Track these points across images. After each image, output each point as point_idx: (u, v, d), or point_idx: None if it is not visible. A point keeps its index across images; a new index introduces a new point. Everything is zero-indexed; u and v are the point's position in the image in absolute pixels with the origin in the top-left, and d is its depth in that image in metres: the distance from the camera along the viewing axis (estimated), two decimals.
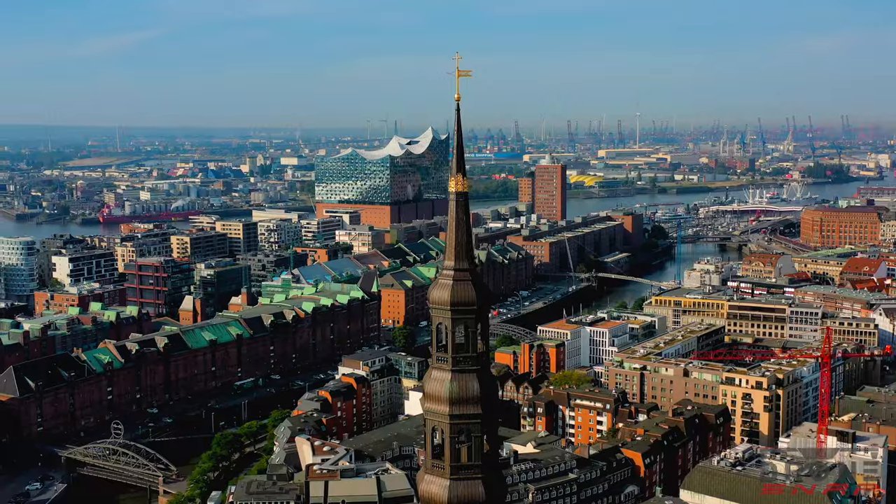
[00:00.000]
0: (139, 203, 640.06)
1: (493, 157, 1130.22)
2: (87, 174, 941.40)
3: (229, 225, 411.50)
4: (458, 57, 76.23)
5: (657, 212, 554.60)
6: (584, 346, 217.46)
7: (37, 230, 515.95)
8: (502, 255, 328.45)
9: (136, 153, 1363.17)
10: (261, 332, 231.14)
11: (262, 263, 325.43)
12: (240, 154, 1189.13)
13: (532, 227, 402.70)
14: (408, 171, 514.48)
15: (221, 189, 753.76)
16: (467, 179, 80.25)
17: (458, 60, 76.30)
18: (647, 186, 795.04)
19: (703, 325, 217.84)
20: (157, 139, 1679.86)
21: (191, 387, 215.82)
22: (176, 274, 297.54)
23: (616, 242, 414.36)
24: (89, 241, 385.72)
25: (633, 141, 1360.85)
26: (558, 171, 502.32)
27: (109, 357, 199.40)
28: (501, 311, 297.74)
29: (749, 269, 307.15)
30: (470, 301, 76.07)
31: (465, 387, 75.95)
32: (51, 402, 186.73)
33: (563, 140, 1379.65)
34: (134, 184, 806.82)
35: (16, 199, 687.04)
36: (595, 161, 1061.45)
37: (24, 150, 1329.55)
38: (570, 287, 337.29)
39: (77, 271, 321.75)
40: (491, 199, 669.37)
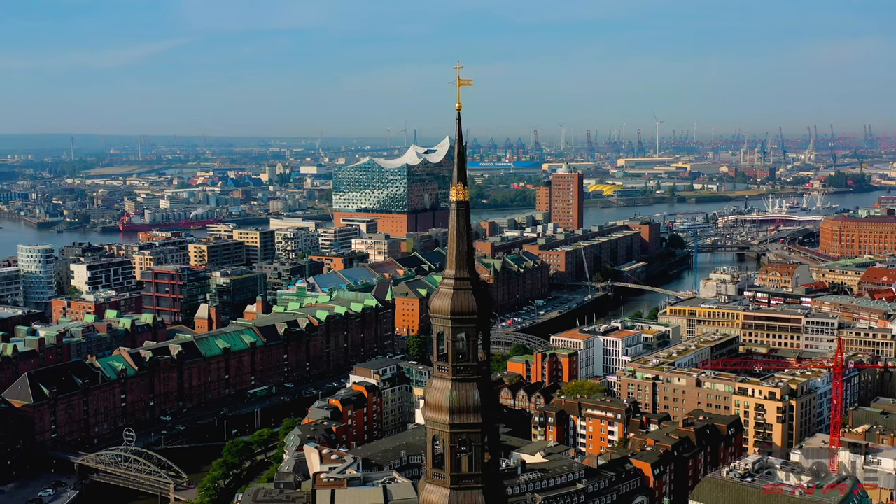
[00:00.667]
0: (159, 211, 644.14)
1: (513, 166, 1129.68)
2: (108, 182, 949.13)
3: (246, 233, 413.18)
4: (458, 66, 76.07)
5: (675, 221, 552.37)
6: (597, 355, 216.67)
7: (57, 238, 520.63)
8: (518, 263, 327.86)
9: (157, 162, 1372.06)
10: (274, 340, 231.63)
11: (277, 272, 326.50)
12: (260, 163, 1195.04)
13: (548, 235, 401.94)
14: (425, 180, 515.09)
15: (241, 197, 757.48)
16: (468, 188, 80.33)
17: (458, 70, 76.22)
18: (666, 196, 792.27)
19: (717, 335, 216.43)
20: (178, 148, 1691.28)
21: (204, 394, 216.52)
22: (192, 282, 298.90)
23: (633, 252, 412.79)
24: (107, 249, 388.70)
25: (652, 150, 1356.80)
26: (575, 180, 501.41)
27: (123, 364, 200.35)
28: (516, 320, 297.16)
29: (766, 278, 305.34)
30: (470, 310, 76.03)
31: (465, 396, 75.85)
32: (64, 409, 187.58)
33: (582, 149, 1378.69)
34: (154, 192, 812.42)
35: (37, 208, 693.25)
36: (614, 170, 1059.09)
37: (48, 158, 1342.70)
38: (586, 296, 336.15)
39: (95, 279, 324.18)
40: (509, 208, 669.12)
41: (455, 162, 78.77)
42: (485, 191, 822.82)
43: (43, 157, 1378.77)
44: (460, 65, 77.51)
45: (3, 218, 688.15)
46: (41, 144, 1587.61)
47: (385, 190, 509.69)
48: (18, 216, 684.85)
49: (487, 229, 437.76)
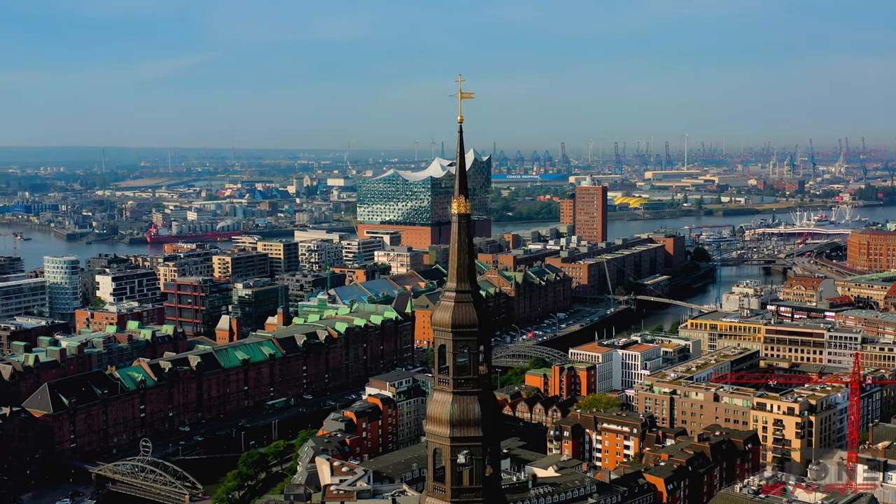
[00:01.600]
0: (186, 223, 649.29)
1: (539, 179, 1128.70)
2: (137, 194, 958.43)
3: (270, 245, 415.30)
4: (460, 79, 76.34)
5: (702, 234, 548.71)
6: (615, 369, 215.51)
7: (86, 250, 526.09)
8: (539, 276, 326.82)
9: (187, 174, 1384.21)
10: (293, 351, 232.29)
11: (300, 283, 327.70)
12: (288, 175, 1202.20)
13: (571, 248, 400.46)
14: (449, 193, 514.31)
15: (267, 209, 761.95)
16: (469, 201, 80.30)
17: (460, 83, 76.48)
18: (693, 208, 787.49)
19: (737, 350, 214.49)
20: (208, 160, 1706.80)
21: (223, 405, 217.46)
22: (214, 293, 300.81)
23: (657, 265, 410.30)
24: (133, 260, 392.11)
25: (681, 163, 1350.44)
26: (599, 193, 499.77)
27: (143, 375, 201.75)
28: (537, 333, 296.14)
29: (790, 292, 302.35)
30: (471, 323, 76.02)
31: (465, 409, 75.76)
32: (84, 419, 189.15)
33: (610, 162, 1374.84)
34: (182, 204, 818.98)
35: (67, 220, 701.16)
36: (641, 183, 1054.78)
37: (79, 171, 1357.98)
38: (609, 310, 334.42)
39: (120, 290, 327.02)
40: (534, 221, 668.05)
41: (456, 175, 78.97)
42: (511, 203, 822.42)
43: (75, 169, 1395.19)
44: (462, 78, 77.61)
45: (34, 230, 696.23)
46: (74, 157, 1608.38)
47: (409, 202, 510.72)
48: (48, 228, 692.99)
49: (511, 242, 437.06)
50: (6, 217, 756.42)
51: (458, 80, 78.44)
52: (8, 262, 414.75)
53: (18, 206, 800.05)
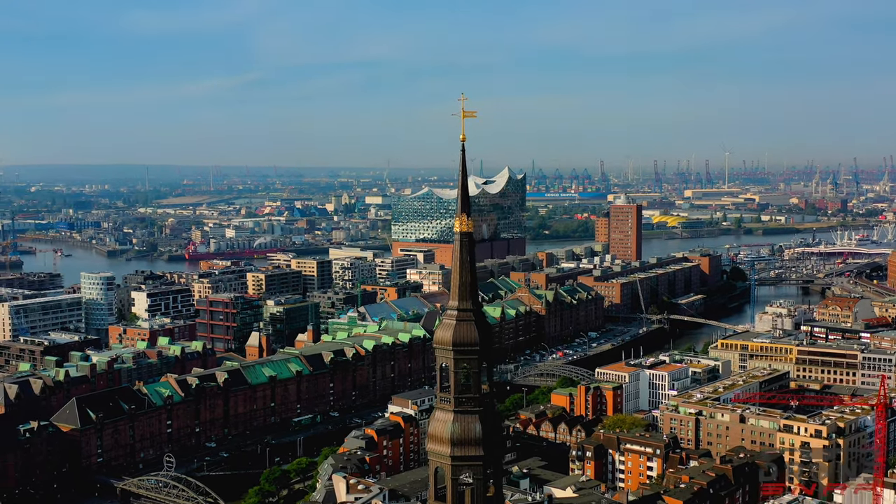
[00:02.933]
0: (224, 240, 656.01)
1: (578, 197, 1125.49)
2: (178, 212, 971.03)
3: (304, 263, 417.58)
4: (462, 98, 76.42)
5: (739, 253, 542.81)
6: (643, 389, 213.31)
7: (125, 266, 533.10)
8: (571, 295, 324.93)
9: (229, 192, 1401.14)
10: (320, 369, 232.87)
11: (331, 301, 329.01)
12: (327, 193, 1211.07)
13: (604, 267, 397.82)
14: (483, 211, 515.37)
15: (304, 227, 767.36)
16: (471, 220, 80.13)
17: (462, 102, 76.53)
18: (732, 227, 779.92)
19: (767, 370, 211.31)
20: (249, 178, 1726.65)
21: (250, 422, 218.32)
22: (245, 310, 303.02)
23: (692, 284, 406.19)
24: (168, 277, 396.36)
25: (721, 181, 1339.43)
26: (633, 212, 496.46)
27: (170, 391, 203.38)
28: (567, 352, 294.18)
29: (825, 312, 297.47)
30: (472, 342, 75.80)
31: (466, 428, 75.41)
32: (111, 434, 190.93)
33: (649, 180, 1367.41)
34: (222, 222, 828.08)
35: (108, 237, 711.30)
36: (680, 201, 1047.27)
37: (123, 188, 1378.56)
38: (641, 329, 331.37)
39: (154, 306, 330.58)
40: (570, 239, 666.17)
41: (458, 193, 78.93)
42: (547, 222, 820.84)
43: (119, 187, 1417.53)
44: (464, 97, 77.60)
45: (76, 246, 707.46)
46: (119, 175, 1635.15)
47: (443, 220, 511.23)
48: (90, 244, 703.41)
49: (545, 260, 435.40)
50: (50, 234, 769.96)
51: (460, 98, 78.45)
52: (48, 278, 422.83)
53: (62, 223, 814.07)
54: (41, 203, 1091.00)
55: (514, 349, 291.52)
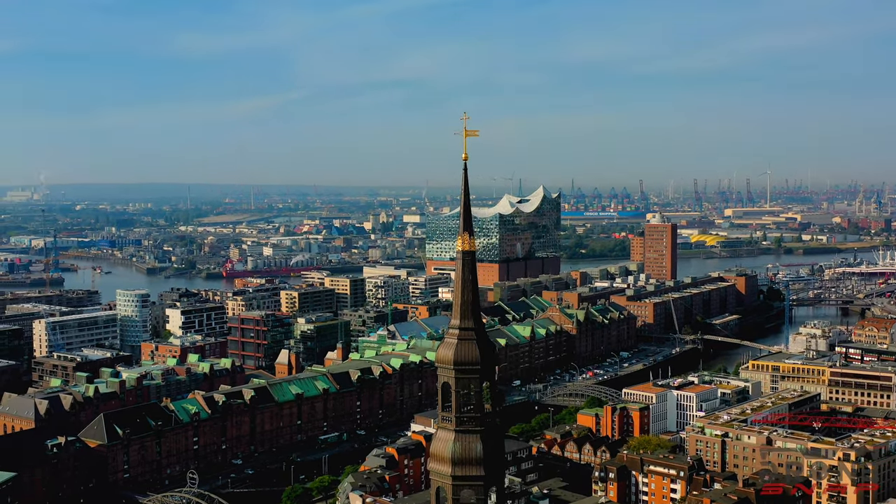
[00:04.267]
0: (261, 258, 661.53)
1: (617, 216, 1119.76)
2: (218, 230, 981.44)
3: (337, 281, 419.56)
4: (465, 117, 76.46)
5: (778, 273, 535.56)
6: (670, 410, 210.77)
7: (164, 283, 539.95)
8: (602, 314, 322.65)
9: (268, 210, 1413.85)
10: (347, 387, 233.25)
11: (362, 319, 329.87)
12: (366, 212, 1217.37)
13: (638, 286, 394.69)
14: (517, 230, 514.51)
15: (341, 245, 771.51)
16: (473, 239, 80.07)
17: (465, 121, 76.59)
18: (772, 247, 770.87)
19: (797, 392, 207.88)
20: (289, 197, 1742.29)
21: (276, 439, 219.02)
22: (276, 328, 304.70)
23: (727, 304, 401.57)
24: (203, 294, 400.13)
25: (763, 200, 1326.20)
26: (668, 230, 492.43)
27: (197, 407, 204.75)
28: (597, 371, 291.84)
29: (862, 334, 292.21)
30: (473, 360, 75.60)
31: (467, 448, 75.11)
32: (137, 450, 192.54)
33: (690, 199, 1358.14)
34: (260, 240, 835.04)
35: (147, 254, 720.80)
36: (720, 220, 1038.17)
37: (166, 207, 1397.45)
38: (674, 349, 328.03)
39: (188, 324, 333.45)
40: (607, 258, 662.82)
41: (461, 212, 79.00)
42: (584, 241, 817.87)
43: (162, 205, 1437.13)
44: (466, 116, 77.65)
45: (117, 264, 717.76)
46: (161, 193, 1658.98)
47: (479, 239, 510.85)
48: (130, 262, 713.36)
49: (578, 279, 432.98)
50: (92, 251, 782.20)
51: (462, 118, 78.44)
52: (86, 295, 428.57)
53: (104, 241, 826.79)
54: (85, 221, 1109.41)
55: (543, 369, 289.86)
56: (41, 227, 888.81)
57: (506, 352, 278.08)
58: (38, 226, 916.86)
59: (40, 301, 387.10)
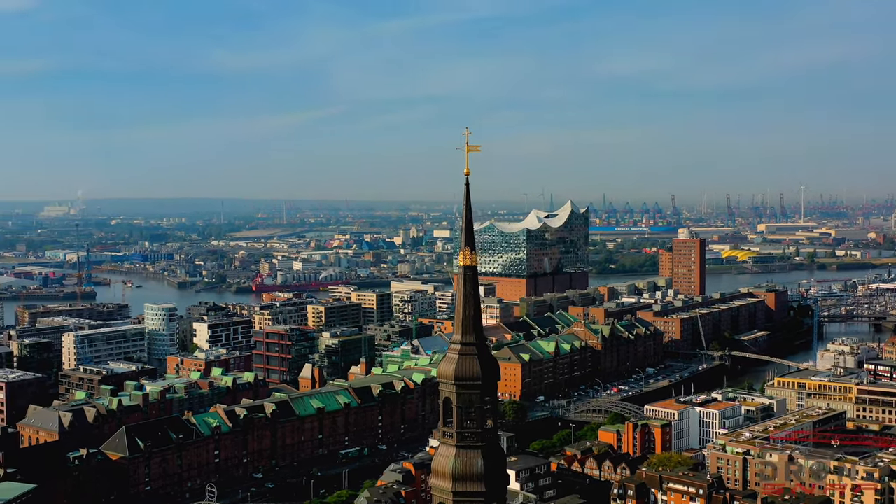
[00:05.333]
0: (291, 273, 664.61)
1: (648, 231, 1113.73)
2: (250, 245, 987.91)
3: (364, 295, 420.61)
4: (467, 132, 76.53)
5: (810, 289, 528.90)
6: (692, 427, 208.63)
7: (195, 297, 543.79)
8: (628, 330, 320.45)
9: (300, 225, 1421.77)
10: (369, 401, 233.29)
11: (387, 334, 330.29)
12: (397, 227, 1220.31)
13: (665, 302, 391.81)
14: (545, 245, 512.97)
15: (371, 260, 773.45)
16: (475, 254, 79.97)
17: (467, 136, 76.68)
18: (804, 262, 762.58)
19: (822, 410, 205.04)
20: (321, 212, 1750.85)
21: (297, 453, 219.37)
22: (301, 342, 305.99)
23: (757, 320, 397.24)
24: (230, 308, 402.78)
25: (798, 215, 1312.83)
26: (697, 246, 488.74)
27: (218, 421, 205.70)
28: (622, 388, 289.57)
29: (893, 351, 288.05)
30: (474, 376, 75.50)
31: (468, 463, 74.90)
32: (159, 463, 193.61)
33: (723, 214, 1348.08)
34: (291, 254, 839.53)
35: (179, 268, 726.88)
36: (753, 235, 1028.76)
37: (199, 222, 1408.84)
38: (701, 365, 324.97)
39: (215, 337, 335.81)
40: (637, 274, 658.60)
41: (462, 227, 78.98)
42: (614, 256, 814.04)
43: (195, 220, 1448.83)
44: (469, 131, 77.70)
45: (149, 278, 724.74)
46: (195, 208, 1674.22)
47: (507, 254, 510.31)
48: (162, 276, 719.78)
49: (605, 294, 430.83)
50: (124, 266, 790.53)
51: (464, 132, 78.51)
52: (116, 308, 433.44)
53: (136, 256, 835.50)
54: (119, 236, 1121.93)
55: (568, 384, 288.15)
56: (76, 241, 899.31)
57: (529, 367, 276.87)
58: (73, 240, 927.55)
59: (71, 314, 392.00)
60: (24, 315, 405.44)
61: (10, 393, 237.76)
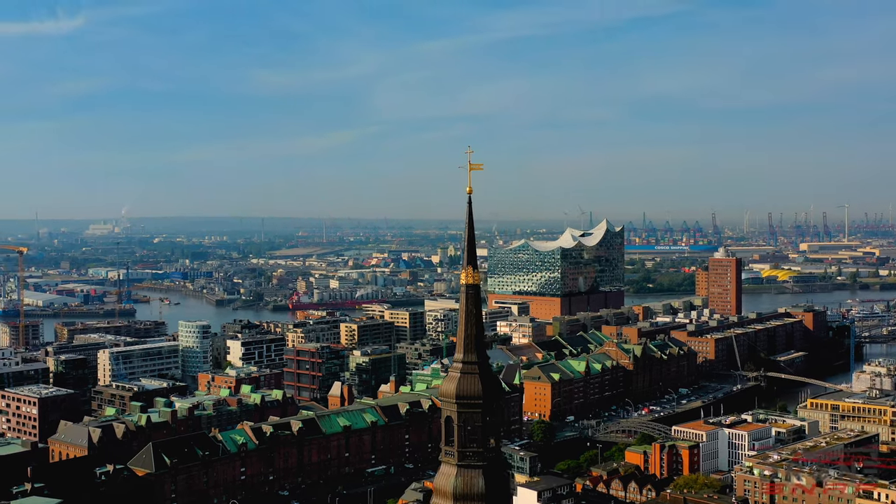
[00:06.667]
0: (327, 291, 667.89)
1: (688, 250, 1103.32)
2: (289, 263, 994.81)
3: (397, 314, 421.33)
4: (469, 151, 76.86)
5: (851, 309, 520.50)
6: (721, 448, 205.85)
7: (232, 315, 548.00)
8: (661, 350, 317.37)
9: (340, 243, 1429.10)
10: (396, 420, 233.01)
11: (418, 352, 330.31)
12: (436, 245, 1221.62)
13: (700, 322, 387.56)
14: (580, 264, 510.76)
15: (407, 279, 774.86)
16: (477, 272, 80.00)
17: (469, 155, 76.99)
18: (847, 282, 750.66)
19: (855, 432, 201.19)
20: (361, 230, 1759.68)
21: (324, 471, 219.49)
22: (331, 360, 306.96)
23: (794, 340, 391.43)
24: (265, 326, 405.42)
25: (841, 234, 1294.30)
26: (733, 265, 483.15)
27: (244, 438, 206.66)
28: (654, 408, 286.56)
29: None
30: (475, 394, 75.47)
31: (469, 483, 74.87)
32: (185, 480, 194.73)
33: (765, 233, 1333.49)
34: (328, 273, 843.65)
35: (217, 286, 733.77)
36: (795, 255, 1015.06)
37: (240, 240, 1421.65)
38: (735, 386, 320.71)
39: (248, 355, 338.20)
40: (675, 293, 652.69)
41: (464, 246, 79.33)
42: (652, 275, 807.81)
43: (236, 238, 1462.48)
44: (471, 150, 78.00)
45: (188, 295, 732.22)
46: (237, 227, 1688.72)
47: (542, 273, 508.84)
48: (201, 294, 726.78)
49: (640, 314, 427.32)
50: (165, 283, 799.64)
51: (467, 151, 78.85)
52: (153, 326, 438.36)
53: (176, 273, 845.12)
54: (161, 254, 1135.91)
55: (599, 404, 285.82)
56: (118, 259, 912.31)
57: (559, 387, 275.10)
58: (116, 258, 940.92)
59: (108, 331, 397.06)
60: (62, 332, 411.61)
61: (43, 408, 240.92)
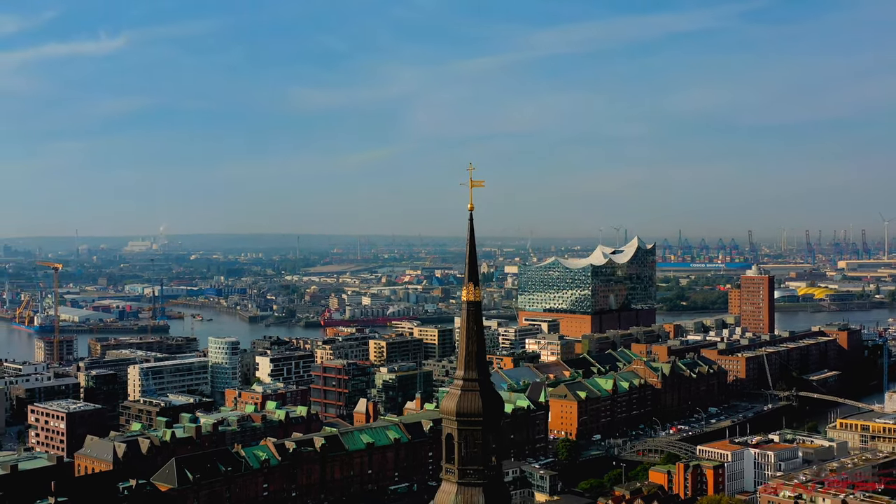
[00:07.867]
0: (359, 308, 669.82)
1: (723, 267, 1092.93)
2: (322, 280, 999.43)
3: (425, 331, 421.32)
4: (471, 167, 76.85)
5: (888, 328, 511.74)
6: (747, 469, 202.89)
7: (264, 331, 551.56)
8: (690, 368, 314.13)
9: (374, 260, 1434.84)
10: (419, 437, 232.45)
11: (445, 369, 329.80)
12: None
13: (731, 340, 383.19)
14: (611, 281, 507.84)
15: (440, 296, 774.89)
16: (479, 289, 79.81)
17: (470, 171, 77.00)
18: (885, 300, 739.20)
19: (884, 454, 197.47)
20: (395, 247, 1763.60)
21: (346, 488, 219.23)
22: (358, 377, 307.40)
23: (828, 359, 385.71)
24: (294, 343, 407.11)
25: (881, 252, 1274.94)
26: (765, 283, 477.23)
27: (267, 454, 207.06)
28: (682, 427, 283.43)
29: None
30: (476, 412, 75.16)
31: (469, 501, 74.60)
32: (207, 495, 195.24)
33: (802, 250, 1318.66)
34: (361, 290, 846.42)
35: (251, 303, 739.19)
36: (832, 272, 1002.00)
37: (275, 257, 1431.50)
38: (766, 405, 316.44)
39: (277, 371, 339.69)
40: (709, 311, 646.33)
41: (466, 263, 79.23)
42: (686, 292, 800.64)
43: (272, 255, 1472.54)
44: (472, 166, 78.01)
45: (222, 312, 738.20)
46: (272, 244, 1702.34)
47: (572, 290, 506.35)
48: (235, 310, 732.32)
49: (672, 332, 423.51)
50: (199, 300, 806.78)
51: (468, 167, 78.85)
52: (185, 342, 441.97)
53: (210, 290, 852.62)
54: (197, 270, 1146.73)
55: (626, 423, 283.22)
56: (155, 275, 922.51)
57: (586, 405, 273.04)
58: (153, 275, 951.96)
59: (140, 347, 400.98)
60: (95, 347, 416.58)
61: (70, 423, 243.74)
